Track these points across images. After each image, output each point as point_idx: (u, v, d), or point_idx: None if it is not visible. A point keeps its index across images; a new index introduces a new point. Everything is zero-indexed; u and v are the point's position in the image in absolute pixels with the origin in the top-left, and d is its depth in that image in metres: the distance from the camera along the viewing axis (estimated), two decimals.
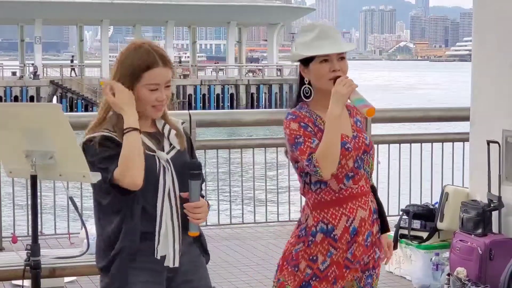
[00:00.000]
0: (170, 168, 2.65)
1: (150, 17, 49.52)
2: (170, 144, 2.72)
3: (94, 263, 4.71)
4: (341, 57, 2.96)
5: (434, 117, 7.92)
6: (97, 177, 2.31)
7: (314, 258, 2.94)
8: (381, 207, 3.06)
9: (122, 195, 2.54)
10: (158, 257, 2.62)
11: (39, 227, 7.06)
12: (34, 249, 2.37)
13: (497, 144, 5.49)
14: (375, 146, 8.18)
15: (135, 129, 2.56)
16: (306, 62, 2.97)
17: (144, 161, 2.56)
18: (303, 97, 2.98)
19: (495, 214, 5.44)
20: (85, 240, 4.80)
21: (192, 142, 2.85)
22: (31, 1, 44.94)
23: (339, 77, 2.90)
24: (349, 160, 2.93)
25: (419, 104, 41.89)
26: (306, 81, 2.97)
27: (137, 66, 2.62)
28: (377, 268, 3.06)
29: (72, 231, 6.80)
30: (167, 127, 2.74)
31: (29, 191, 2.47)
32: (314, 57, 2.94)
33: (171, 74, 2.72)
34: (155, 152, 2.65)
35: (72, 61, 50.16)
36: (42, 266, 2.50)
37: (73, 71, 46.78)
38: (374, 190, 3.07)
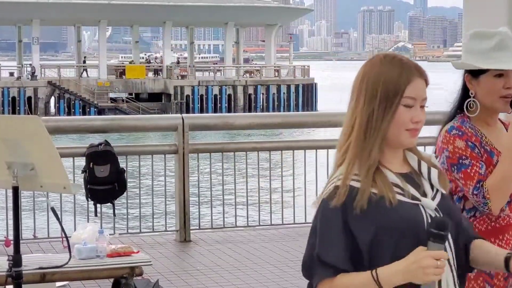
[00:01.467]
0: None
1: (148, 18, 49.51)
2: (432, 187, 2.08)
3: (84, 268, 4.77)
4: None
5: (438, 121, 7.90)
6: (77, 188, 2.31)
7: None
8: None
9: None
10: None
11: (33, 230, 7.14)
12: (16, 260, 2.38)
13: None
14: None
15: (379, 284, 1.94)
16: (476, 73, 2.67)
17: (404, 212, 1.99)
18: (466, 111, 2.69)
19: None
20: (76, 246, 4.82)
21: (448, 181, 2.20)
22: (28, 1, 44.90)
23: (509, 96, 2.62)
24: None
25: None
26: (472, 93, 2.68)
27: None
28: None
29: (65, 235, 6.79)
30: (424, 164, 2.10)
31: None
32: (488, 70, 2.64)
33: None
34: (420, 200, 2.03)
35: (84, 61, 50.06)
36: (32, 271, 2.49)
37: (85, 72, 46.63)
38: None
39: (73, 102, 43.28)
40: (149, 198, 7.62)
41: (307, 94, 47.84)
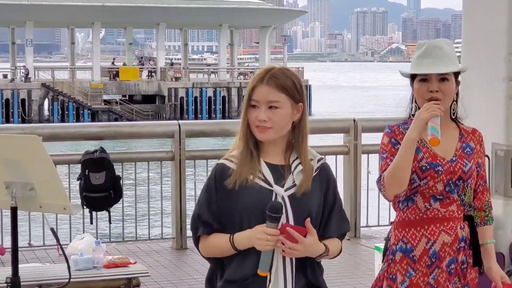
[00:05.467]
0: (286, 205, 2.50)
1: (141, 20, 49.40)
2: (294, 181, 2.54)
3: (81, 279, 4.73)
4: (443, 78, 2.89)
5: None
6: (77, 209, 2.27)
7: (394, 277, 2.92)
8: (476, 239, 2.97)
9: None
10: None
11: (28, 238, 7.08)
12: (14, 282, 2.34)
13: (486, 158, 5.47)
14: (366, 155, 8.13)
15: (234, 246, 2.51)
16: (412, 80, 2.95)
17: (258, 194, 2.50)
18: (411, 115, 2.97)
19: None
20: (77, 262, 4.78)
21: (333, 183, 2.63)
22: (22, 3, 44.75)
23: (434, 99, 2.86)
24: (438, 183, 2.88)
25: None
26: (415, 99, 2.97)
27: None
28: None
29: (61, 243, 6.73)
30: (297, 161, 2.56)
31: None
32: (416, 76, 2.91)
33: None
34: (272, 186, 2.52)
35: (113, 62, 49.92)
36: (28, 282, 2.45)
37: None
38: (471, 220, 2.97)
39: (66, 104, 43.13)
40: (145, 206, 7.57)
41: None
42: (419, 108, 2.90)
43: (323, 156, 2.63)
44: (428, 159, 2.90)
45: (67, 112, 42.74)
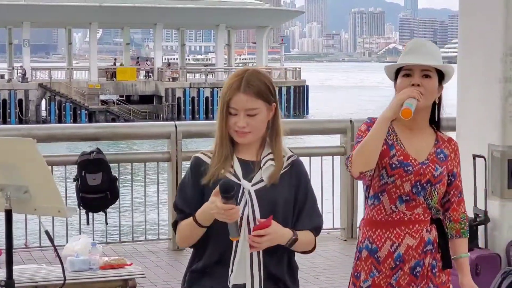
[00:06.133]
0: (252, 199, 2.63)
1: (138, 20, 49.37)
2: (261, 176, 2.67)
3: (77, 281, 4.72)
4: (426, 74, 2.91)
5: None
6: (72, 212, 2.27)
7: (358, 274, 2.94)
8: (445, 241, 2.97)
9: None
10: (230, 285, 2.63)
11: (25, 239, 7.07)
12: (8, 285, 2.33)
13: (482, 159, 5.48)
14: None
15: (197, 222, 2.63)
16: (395, 78, 2.99)
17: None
18: None
19: (481, 229, 5.42)
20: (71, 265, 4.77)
21: (304, 179, 2.73)
22: (19, 4, 44.69)
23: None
24: (406, 183, 2.89)
25: None
26: None
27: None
28: None
29: (56, 243, 6.72)
30: (267, 157, 2.69)
31: None
32: (399, 72, 2.95)
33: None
34: (240, 180, 2.65)
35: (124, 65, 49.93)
36: (23, 284, 2.45)
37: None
38: (439, 223, 2.97)
39: (64, 104, 43.09)
40: (142, 206, 7.56)
41: (298, 96, 47.82)
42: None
43: (294, 154, 2.73)
44: (400, 158, 2.91)
45: (64, 113, 42.70)
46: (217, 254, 2.65)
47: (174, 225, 2.73)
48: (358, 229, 3.07)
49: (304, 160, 8.35)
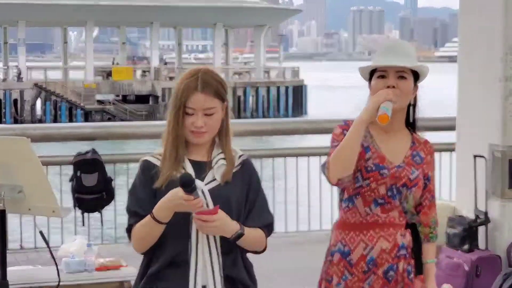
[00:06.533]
0: (206, 199, 2.62)
1: (135, 18, 49.34)
2: (214, 175, 2.68)
3: (72, 282, 4.67)
4: (401, 76, 2.87)
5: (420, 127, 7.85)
6: (66, 212, 2.21)
7: (330, 279, 2.90)
8: (418, 247, 2.93)
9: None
10: (191, 286, 2.61)
11: (20, 240, 7.01)
12: (2, 286, 2.30)
13: (483, 159, 5.43)
14: None
15: (155, 219, 2.60)
16: (370, 79, 2.93)
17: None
18: None
19: (482, 229, 5.38)
20: (66, 264, 4.71)
21: (256, 178, 2.74)
22: (14, 3, 44.62)
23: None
24: (381, 186, 2.85)
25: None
26: None
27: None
28: None
29: (52, 244, 6.66)
30: (218, 157, 2.70)
31: None
32: (374, 73, 2.90)
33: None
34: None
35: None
36: (18, 285, 2.41)
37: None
38: (414, 228, 2.94)
39: (59, 104, 43.04)
40: None
41: (297, 96, 47.80)
42: None
43: (244, 153, 2.74)
44: (375, 160, 2.87)
45: (59, 112, 42.67)
46: (173, 255, 2.63)
47: (129, 230, 2.69)
48: (331, 232, 3.01)
49: (303, 160, 8.30)
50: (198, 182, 2.61)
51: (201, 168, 2.67)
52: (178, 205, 2.56)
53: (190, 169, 2.65)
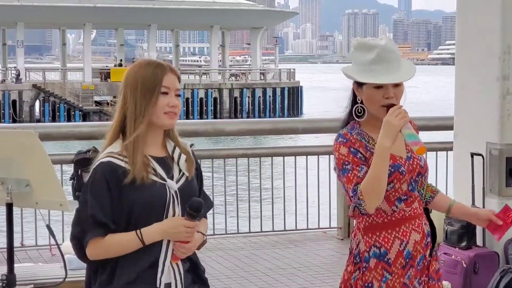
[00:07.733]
0: (178, 199, 2.55)
1: (132, 21, 49.33)
2: (180, 171, 2.58)
3: (76, 279, 4.68)
4: (397, 84, 2.81)
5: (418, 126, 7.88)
6: (74, 205, 2.24)
7: (370, 285, 2.85)
8: (434, 229, 2.96)
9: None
10: (161, 287, 2.54)
11: (20, 238, 7.03)
12: (9, 280, 2.31)
13: (481, 157, 5.47)
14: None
15: (142, 241, 2.49)
16: (360, 82, 2.83)
17: (154, 190, 2.50)
18: (355, 116, 2.86)
19: (479, 227, 5.41)
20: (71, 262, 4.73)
21: (199, 164, 2.68)
22: (13, 5, 44.59)
23: (393, 105, 2.76)
24: (403, 184, 2.83)
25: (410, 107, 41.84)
26: (359, 100, 2.84)
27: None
28: None
29: (54, 242, 6.70)
30: (177, 150, 2.60)
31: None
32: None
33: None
34: (166, 181, 2.54)
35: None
36: (22, 282, 2.43)
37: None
38: (427, 212, 2.96)
39: (58, 105, 43.01)
40: None
41: (293, 98, 47.84)
42: (364, 110, 2.83)
43: (189, 142, 2.68)
44: (389, 162, 2.82)
45: (58, 113, 42.63)
46: (148, 261, 2.53)
47: (81, 238, 2.49)
48: (352, 240, 2.96)
49: (301, 159, 8.33)
50: (170, 183, 2.53)
51: (166, 165, 2.56)
52: (176, 234, 2.49)
53: (158, 167, 2.53)
